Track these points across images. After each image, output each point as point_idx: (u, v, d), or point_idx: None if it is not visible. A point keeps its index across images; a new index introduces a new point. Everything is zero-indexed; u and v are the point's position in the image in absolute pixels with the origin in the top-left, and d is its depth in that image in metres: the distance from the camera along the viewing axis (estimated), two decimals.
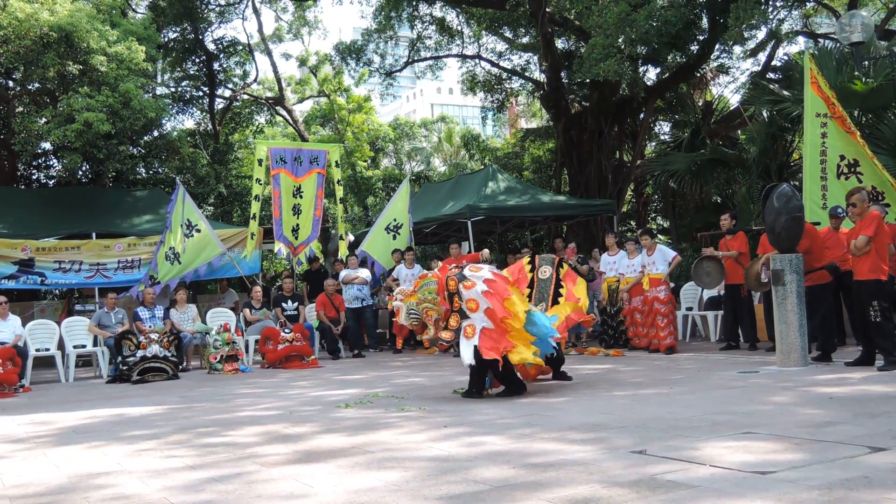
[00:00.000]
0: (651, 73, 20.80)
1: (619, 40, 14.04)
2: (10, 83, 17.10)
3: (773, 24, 18.35)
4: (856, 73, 12.23)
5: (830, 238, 9.23)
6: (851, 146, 10.07)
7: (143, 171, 21.13)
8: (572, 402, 6.48)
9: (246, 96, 25.74)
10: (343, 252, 15.11)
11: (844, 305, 9.73)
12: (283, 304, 13.15)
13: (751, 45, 19.78)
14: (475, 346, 6.73)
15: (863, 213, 7.87)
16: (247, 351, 12.42)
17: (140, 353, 10.79)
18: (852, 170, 10.05)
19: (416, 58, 24.10)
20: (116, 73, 14.12)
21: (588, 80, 17.25)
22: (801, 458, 3.94)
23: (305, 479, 4.15)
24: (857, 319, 8.37)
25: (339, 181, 14.93)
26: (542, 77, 21.85)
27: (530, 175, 24.26)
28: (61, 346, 11.98)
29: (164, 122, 19.68)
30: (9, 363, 10.05)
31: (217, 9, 22.91)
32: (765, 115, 14.97)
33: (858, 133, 10.23)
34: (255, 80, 26.11)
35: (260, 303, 13.18)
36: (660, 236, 21.25)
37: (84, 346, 12.15)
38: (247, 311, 13.04)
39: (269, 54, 25.21)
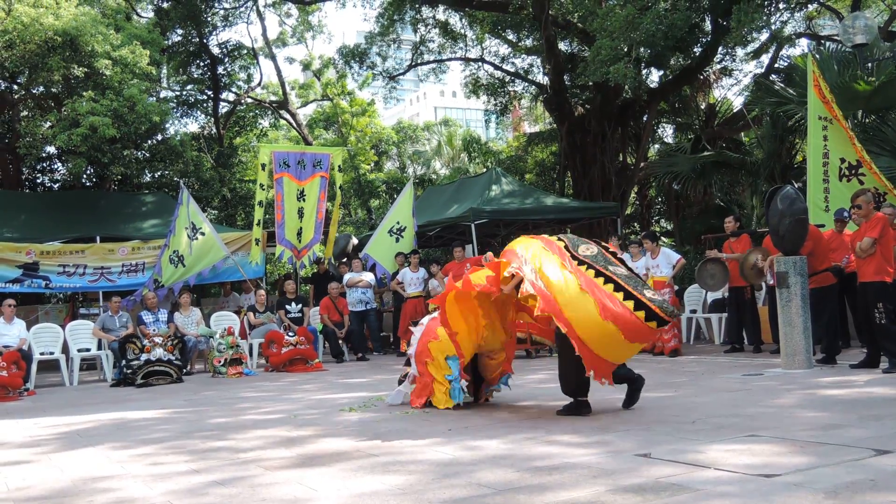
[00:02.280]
0: (654, 76, 20.81)
1: (625, 45, 14.04)
2: (15, 87, 17.15)
3: (776, 26, 18.36)
4: (858, 72, 12.22)
5: (835, 240, 9.22)
6: (852, 148, 10.06)
7: (148, 174, 21.17)
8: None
9: (250, 100, 25.79)
10: (328, 255, 15.15)
11: (849, 307, 9.72)
12: (287, 307, 13.15)
13: (754, 47, 19.77)
14: (405, 394, 7.08)
15: (868, 215, 7.85)
16: (251, 354, 12.42)
17: (144, 357, 10.80)
18: (853, 172, 10.04)
19: (419, 61, 24.14)
20: (121, 77, 14.16)
21: (591, 83, 17.26)
22: (806, 461, 3.93)
23: (309, 483, 4.15)
24: (861, 321, 8.35)
25: (339, 186, 14.91)
26: (545, 80, 21.86)
27: (533, 178, 24.25)
28: (65, 349, 11.99)
29: (168, 125, 19.73)
30: (13, 367, 10.06)
31: (221, 12, 22.96)
32: (768, 115, 14.94)
33: (855, 138, 10.20)
34: (258, 84, 26.18)
35: (264, 306, 13.18)
36: (663, 239, 21.24)
37: (88, 350, 12.17)
38: (251, 314, 13.04)
39: (273, 58, 25.31)
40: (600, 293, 5.60)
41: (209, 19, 22.31)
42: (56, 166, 20.93)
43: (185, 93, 23.69)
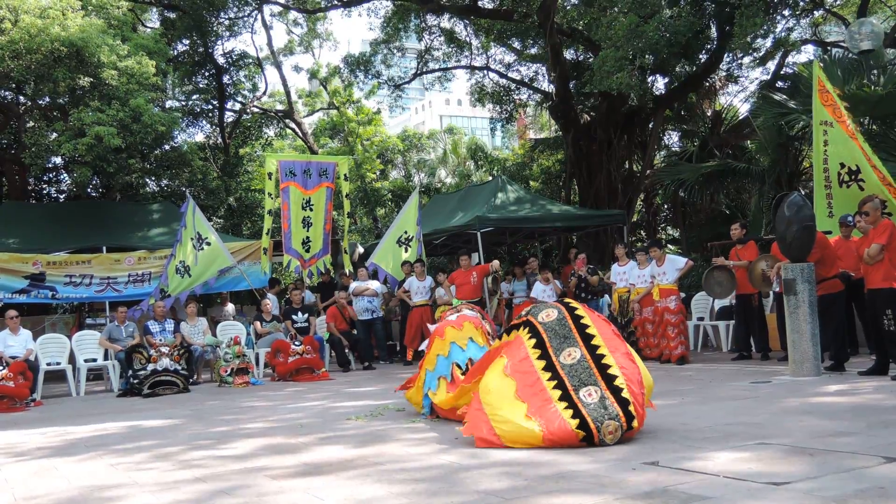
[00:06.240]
0: (660, 83, 20.79)
1: (630, 53, 14.03)
2: (21, 98, 17.20)
3: (782, 33, 18.34)
4: (865, 81, 12.19)
5: (842, 247, 9.18)
6: (853, 152, 9.97)
7: (154, 184, 21.20)
8: None
9: (255, 109, 25.84)
10: (347, 266, 15.15)
11: (857, 314, 9.67)
12: (294, 317, 13.14)
13: (759, 54, 19.75)
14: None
15: (875, 222, 7.83)
16: (257, 364, 12.42)
17: (151, 367, 10.81)
18: (853, 178, 9.95)
19: (424, 69, 24.18)
20: (127, 87, 14.20)
21: (597, 91, 17.26)
22: (815, 469, 3.90)
23: (315, 492, 4.13)
24: (870, 328, 8.31)
25: (346, 195, 14.94)
26: (550, 88, 21.86)
27: (539, 186, 24.24)
28: (72, 359, 12.01)
29: (174, 135, 19.76)
30: (20, 377, 10.07)
31: (226, 22, 23.02)
32: (773, 124, 14.92)
33: (861, 138, 10.08)
34: (264, 93, 26.24)
35: (270, 315, 13.18)
36: (669, 246, 21.18)
37: (95, 360, 12.18)
38: (257, 323, 13.04)
39: (279, 67, 25.36)
40: (538, 400, 5.15)
41: (214, 28, 22.35)
42: (62, 177, 21.01)
43: (190, 102, 23.74)
